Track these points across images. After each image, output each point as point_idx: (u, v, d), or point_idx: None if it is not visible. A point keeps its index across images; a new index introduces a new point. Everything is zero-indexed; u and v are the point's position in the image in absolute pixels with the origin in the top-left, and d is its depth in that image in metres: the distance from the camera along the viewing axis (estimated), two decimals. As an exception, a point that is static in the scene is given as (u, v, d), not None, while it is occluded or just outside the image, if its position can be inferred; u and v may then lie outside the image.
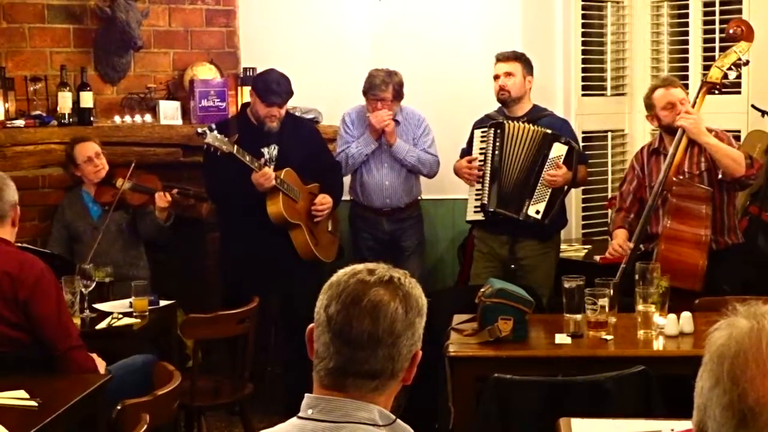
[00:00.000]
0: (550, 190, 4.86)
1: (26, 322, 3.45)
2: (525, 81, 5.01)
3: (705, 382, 1.27)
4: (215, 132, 4.64)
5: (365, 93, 5.30)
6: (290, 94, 4.94)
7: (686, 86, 5.81)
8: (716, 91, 4.51)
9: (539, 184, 4.86)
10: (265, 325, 5.10)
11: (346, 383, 1.68)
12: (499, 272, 4.85)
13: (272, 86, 4.85)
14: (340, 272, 1.75)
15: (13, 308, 3.43)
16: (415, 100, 5.48)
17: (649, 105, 4.56)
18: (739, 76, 4.73)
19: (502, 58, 5.03)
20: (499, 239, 5.02)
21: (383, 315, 1.68)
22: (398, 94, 5.31)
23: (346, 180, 5.45)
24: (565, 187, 4.93)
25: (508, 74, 4.98)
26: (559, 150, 4.85)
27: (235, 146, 4.68)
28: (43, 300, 3.45)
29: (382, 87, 5.24)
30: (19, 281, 3.42)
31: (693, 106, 4.41)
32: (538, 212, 4.86)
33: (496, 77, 5.01)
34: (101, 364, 3.61)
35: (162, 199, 5.02)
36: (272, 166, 4.86)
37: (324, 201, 5.06)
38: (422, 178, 5.52)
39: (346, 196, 5.47)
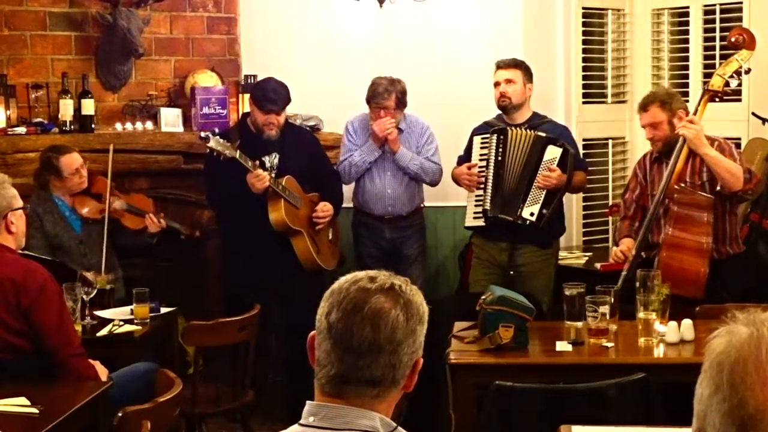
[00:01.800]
0: (544, 193, 4.86)
1: (28, 330, 3.46)
2: (525, 88, 5.02)
3: (705, 389, 1.27)
4: (218, 137, 4.66)
5: (368, 101, 5.30)
6: (288, 101, 4.96)
7: (686, 94, 5.84)
8: (717, 99, 4.51)
9: (533, 187, 4.87)
10: (266, 333, 5.09)
11: (348, 391, 1.68)
12: (498, 279, 4.85)
13: (269, 94, 4.89)
14: (341, 280, 1.76)
15: (15, 315, 3.44)
16: (416, 107, 5.48)
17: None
18: (739, 84, 4.74)
19: (502, 65, 5.04)
20: (499, 246, 5.02)
21: (384, 322, 1.68)
22: (401, 102, 5.31)
23: (349, 188, 5.47)
24: (560, 190, 4.92)
25: (509, 81, 4.99)
26: (553, 153, 4.86)
27: (238, 151, 4.70)
28: (45, 308, 3.46)
29: (385, 95, 5.24)
30: (23, 288, 3.43)
31: (695, 114, 4.42)
32: (532, 214, 4.86)
33: (497, 84, 5.02)
34: (103, 372, 3.61)
35: (154, 225, 4.97)
36: (273, 174, 4.87)
37: (325, 208, 5.08)
38: (425, 186, 5.52)
39: (348, 204, 5.48)
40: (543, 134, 4.91)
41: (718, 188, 4.36)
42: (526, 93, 5.03)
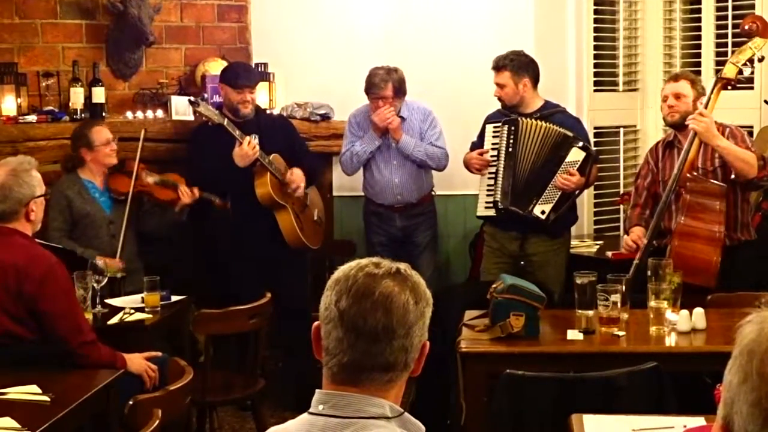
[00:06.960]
0: (559, 193, 4.83)
1: (28, 317, 3.44)
2: (518, 86, 4.91)
3: (734, 376, 1.25)
4: (206, 103, 4.88)
5: (366, 92, 5.27)
6: (259, 78, 5.25)
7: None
8: (729, 87, 4.49)
9: (550, 185, 4.83)
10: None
11: (361, 378, 1.68)
12: (509, 268, 4.82)
13: (240, 72, 5.17)
14: (345, 267, 1.74)
15: (15, 301, 3.42)
16: (427, 95, 5.47)
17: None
18: (752, 72, 4.71)
19: (493, 67, 4.95)
20: (509, 235, 5.00)
21: (396, 306, 1.68)
22: (399, 91, 5.27)
23: (359, 179, 5.49)
24: (575, 193, 4.90)
25: (499, 85, 4.94)
26: (576, 155, 4.81)
27: (225, 119, 4.89)
28: (52, 296, 3.44)
29: (381, 85, 5.22)
30: (25, 275, 3.41)
31: (707, 104, 4.39)
32: (543, 212, 4.82)
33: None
34: (141, 360, 3.66)
35: (186, 195, 4.99)
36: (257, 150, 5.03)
37: (294, 171, 5.14)
38: (435, 174, 5.50)
39: (359, 193, 5.49)
40: (570, 134, 4.84)
41: (732, 176, 4.34)
42: (520, 90, 4.92)
